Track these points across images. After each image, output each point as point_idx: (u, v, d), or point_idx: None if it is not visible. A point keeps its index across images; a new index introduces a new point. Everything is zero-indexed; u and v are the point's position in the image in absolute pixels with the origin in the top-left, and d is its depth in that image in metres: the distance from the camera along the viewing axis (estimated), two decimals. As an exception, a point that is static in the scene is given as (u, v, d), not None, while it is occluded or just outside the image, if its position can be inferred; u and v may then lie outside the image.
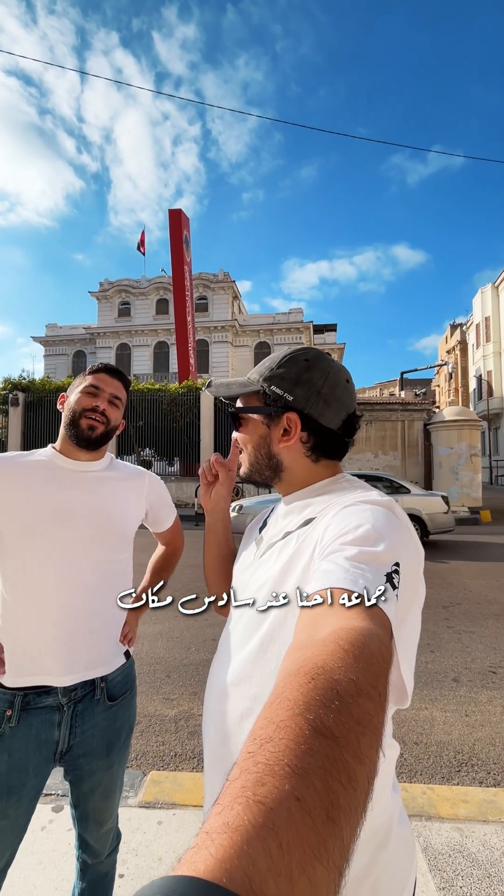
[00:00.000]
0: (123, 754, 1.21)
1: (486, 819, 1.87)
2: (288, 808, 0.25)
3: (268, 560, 0.75)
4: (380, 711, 0.35)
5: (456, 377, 35.01)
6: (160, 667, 3.46)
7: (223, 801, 0.27)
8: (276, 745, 0.30)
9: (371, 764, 0.32)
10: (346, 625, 0.43)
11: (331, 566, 0.53)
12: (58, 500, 1.12)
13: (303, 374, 0.76)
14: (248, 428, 0.82)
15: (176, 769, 2.28)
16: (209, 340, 30.67)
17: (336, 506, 0.67)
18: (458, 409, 13.53)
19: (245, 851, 0.23)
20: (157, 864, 1.65)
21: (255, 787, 0.27)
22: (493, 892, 1.54)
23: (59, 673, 1.08)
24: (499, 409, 28.99)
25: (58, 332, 34.04)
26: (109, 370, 1.24)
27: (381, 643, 0.43)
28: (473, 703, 2.98)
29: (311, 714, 0.32)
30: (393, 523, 0.61)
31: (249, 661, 0.69)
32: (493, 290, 29.92)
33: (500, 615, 4.68)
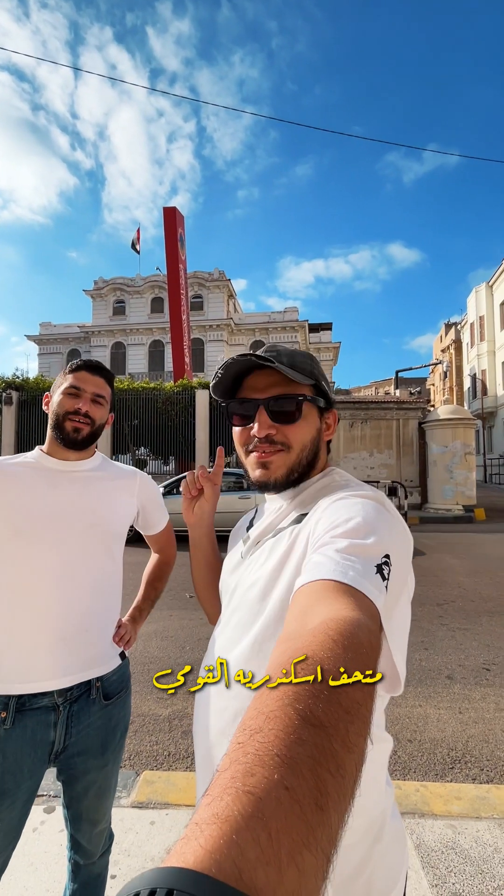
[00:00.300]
0: (118, 754, 1.20)
1: (478, 816, 1.88)
2: (277, 797, 0.26)
3: (259, 558, 0.74)
4: (368, 700, 0.36)
5: (450, 376, 35.17)
6: (154, 666, 3.45)
7: (213, 791, 0.27)
8: (265, 735, 0.30)
9: (359, 752, 0.32)
10: (335, 615, 0.44)
11: (321, 558, 0.54)
12: (47, 500, 1.11)
13: (322, 373, 0.79)
14: (308, 421, 0.75)
15: (170, 769, 2.27)
16: (204, 339, 30.62)
17: (328, 500, 0.67)
18: (453, 407, 13.59)
19: (234, 841, 0.23)
20: (151, 865, 1.63)
21: (244, 778, 0.27)
22: (485, 888, 1.54)
23: (54, 676, 1.07)
24: (493, 408, 29.15)
25: (52, 330, 33.88)
26: (90, 367, 1.19)
27: (370, 633, 0.43)
28: (467, 700, 2.99)
29: (301, 704, 0.32)
30: (383, 516, 0.61)
31: (242, 661, 0.68)
32: (488, 290, 30.05)
33: (493, 612, 4.70)
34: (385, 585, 0.51)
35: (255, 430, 0.73)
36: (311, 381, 0.75)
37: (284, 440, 0.73)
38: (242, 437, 0.77)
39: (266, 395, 0.73)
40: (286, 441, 0.73)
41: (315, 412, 0.77)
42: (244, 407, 0.75)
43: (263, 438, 0.73)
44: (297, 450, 0.74)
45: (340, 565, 0.51)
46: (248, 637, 0.68)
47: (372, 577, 0.50)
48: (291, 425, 0.73)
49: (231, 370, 0.74)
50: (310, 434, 0.75)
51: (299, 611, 0.48)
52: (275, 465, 0.73)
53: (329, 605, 0.46)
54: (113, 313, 32.74)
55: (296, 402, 0.73)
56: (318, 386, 0.77)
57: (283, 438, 0.73)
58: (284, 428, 0.73)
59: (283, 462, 0.73)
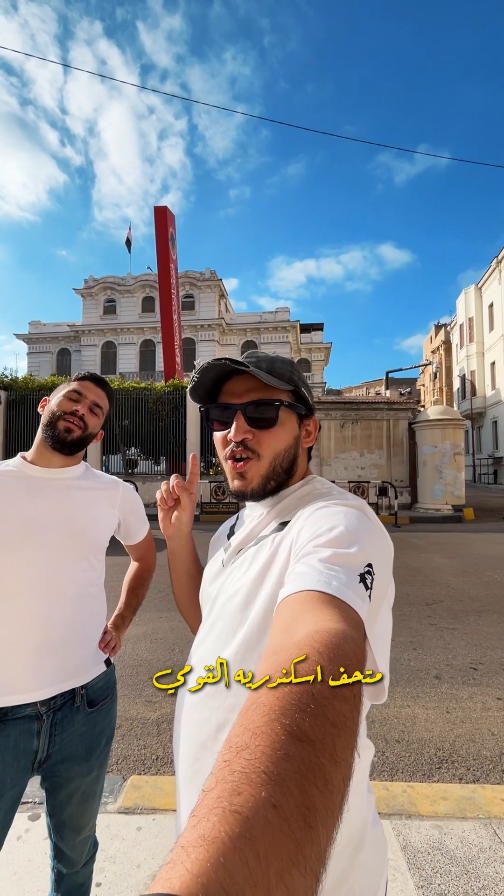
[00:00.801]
0: (103, 760, 1.19)
1: (464, 816, 1.89)
2: (265, 816, 0.25)
3: (240, 566, 0.73)
4: (354, 713, 0.36)
5: (440, 377, 35.48)
6: (143, 669, 3.43)
7: (199, 812, 0.26)
8: (252, 752, 0.29)
9: (346, 766, 0.32)
10: (320, 627, 0.43)
11: (304, 568, 0.53)
12: (27, 510, 1.10)
13: (304, 380, 0.79)
14: (285, 427, 0.74)
15: (158, 773, 2.26)
16: (196, 339, 30.54)
17: (310, 508, 0.67)
18: (443, 408, 13.70)
19: (221, 864, 0.23)
20: (136, 871, 1.62)
21: (231, 797, 0.26)
22: (470, 888, 1.55)
23: (35, 688, 1.06)
24: (482, 409, 29.47)
25: (42, 329, 33.53)
26: (95, 379, 1.24)
27: (356, 645, 0.43)
28: (454, 699, 3.01)
29: (287, 719, 0.32)
30: (365, 524, 0.61)
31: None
32: (477, 292, 30.37)
33: (481, 612, 4.75)
34: (368, 595, 0.51)
35: (232, 433, 0.72)
36: (289, 387, 0.75)
37: (257, 447, 0.73)
38: (222, 442, 0.76)
39: (243, 400, 0.73)
40: (258, 449, 0.73)
41: (293, 419, 0.76)
42: (223, 413, 0.75)
43: (239, 442, 0.72)
44: (268, 458, 0.73)
45: (324, 575, 0.51)
46: (231, 647, 0.67)
47: (355, 586, 0.51)
48: (267, 431, 0.72)
49: (208, 375, 0.74)
50: (285, 441, 0.74)
51: (284, 623, 0.47)
52: (250, 475, 0.73)
53: (314, 616, 0.46)
54: (103, 312, 32.51)
55: (273, 408, 0.72)
56: (298, 392, 0.77)
57: (257, 445, 0.73)
58: (260, 434, 0.72)
59: (256, 472, 0.73)
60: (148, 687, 3.16)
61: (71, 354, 32.73)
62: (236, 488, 0.74)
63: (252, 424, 0.72)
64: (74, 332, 32.20)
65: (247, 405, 0.72)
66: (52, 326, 33.59)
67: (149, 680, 3.28)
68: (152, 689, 3.15)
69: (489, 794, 2.03)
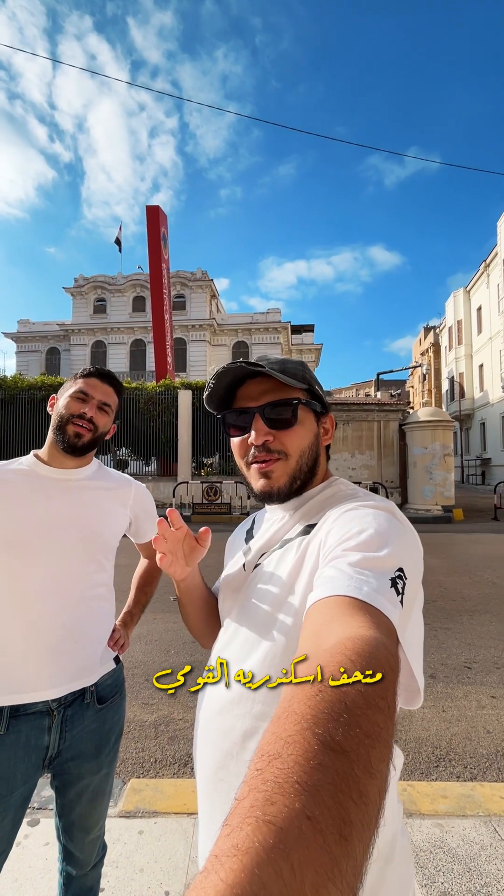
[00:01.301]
0: (112, 758, 1.19)
1: (464, 814, 1.91)
2: (299, 827, 0.25)
3: (265, 570, 0.72)
4: (389, 723, 0.35)
5: (429, 379, 35.83)
6: (139, 671, 3.40)
7: (232, 821, 0.26)
8: (284, 761, 0.29)
9: (382, 778, 0.31)
10: (351, 634, 0.42)
11: (334, 572, 0.52)
12: (40, 511, 1.09)
13: (315, 378, 0.78)
14: (304, 426, 0.73)
15: (156, 776, 2.24)
16: (186, 339, 30.44)
17: (337, 510, 0.66)
18: (432, 409, 13.84)
19: (256, 875, 0.22)
20: (139, 876, 1.61)
21: (264, 807, 0.26)
22: (472, 886, 1.57)
23: (45, 687, 1.06)
24: (470, 410, 29.84)
25: (31, 328, 33.15)
26: (101, 375, 1.20)
27: (389, 653, 0.42)
28: (450, 698, 3.04)
29: (320, 728, 0.31)
30: (395, 527, 0.60)
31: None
32: (465, 295, 30.76)
33: (474, 611, 4.80)
34: (400, 600, 0.50)
35: (252, 438, 0.71)
36: (304, 386, 0.74)
37: (282, 447, 0.71)
38: (241, 448, 0.75)
39: (260, 402, 0.72)
40: (283, 448, 0.71)
41: (311, 417, 0.75)
42: (240, 418, 0.74)
43: (261, 447, 0.71)
44: (295, 456, 0.72)
45: (354, 580, 0.50)
46: (258, 653, 0.66)
47: (387, 591, 0.49)
48: (288, 431, 0.71)
49: (223, 380, 0.73)
50: (307, 439, 0.74)
51: (314, 629, 0.46)
52: (276, 474, 0.71)
53: (345, 623, 0.45)
54: (94, 311, 32.23)
55: (290, 407, 0.71)
56: (312, 391, 0.76)
57: (280, 446, 0.71)
58: (281, 434, 0.71)
59: (283, 470, 0.71)
60: (145, 689, 3.14)
61: (60, 353, 32.38)
62: (261, 489, 0.73)
63: (271, 426, 0.71)
64: (64, 331, 31.88)
65: (264, 407, 0.71)
66: (41, 325, 33.21)
67: (145, 682, 3.25)
68: (149, 691, 3.13)
69: (488, 792, 2.05)
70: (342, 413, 14.12)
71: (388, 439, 14.08)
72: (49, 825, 1.83)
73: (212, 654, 0.79)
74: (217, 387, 0.73)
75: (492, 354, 26.46)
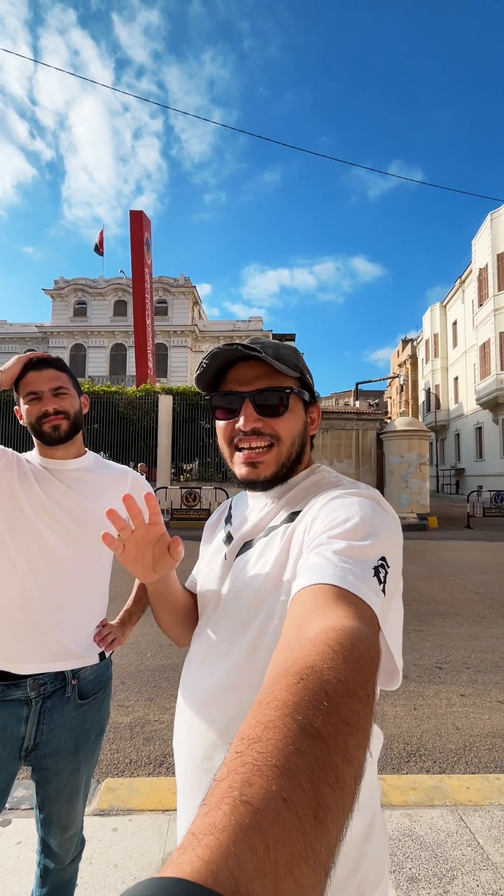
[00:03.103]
0: (91, 756, 1.18)
1: (433, 804, 1.98)
2: (275, 808, 0.25)
3: (250, 558, 0.71)
4: (367, 712, 0.36)
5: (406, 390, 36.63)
6: (115, 673, 3.34)
7: (210, 801, 0.26)
8: (264, 745, 0.29)
9: (358, 764, 0.32)
10: (334, 624, 0.43)
11: (319, 559, 0.53)
12: (40, 495, 1.13)
13: (306, 367, 0.78)
14: (294, 414, 0.72)
15: (132, 776, 2.23)
16: (168, 345, 30.36)
17: (322, 497, 0.66)
18: (409, 419, 14.17)
19: (231, 852, 0.23)
20: (113, 871, 1.61)
21: (242, 788, 0.26)
22: (439, 870, 1.63)
23: (19, 660, 1.07)
24: (445, 421, 30.64)
25: (8, 329, 32.49)
26: (34, 365, 1.14)
27: (370, 643, 0.43)
28: (421, 697, 3.13)
29: (300, 715, 0.32)
30: (380, 515, 0.61)
31: (237, 668, 0.65)
32: (441, 310, 31.71)
33: (445, 615, 4.93)
34: (382, 588, 0.51)
35: (241, 423, 0.70)
36: (296, 374, 0.73)
37: (273, 433, 0.71)
38: (227, 431, 0.74)
39: (252, 387, 0.71)
40: (275, 433, 0.71)
41: (301, 406, 0.75)
42: (228, 400, 0.72)
43: (249, 432, 0.70)
44: (287, 443, 0.72)
45: (339, 568, 0.50)
46: (244, 641, 0.66)
47: (370, 580, 0.50)
48: (278, 419, 0.71)
49: (216, 361, 0.71)
50: (297, 428, 0.73)
51: (297, 618, 0.47)
52: (265, 463, 0.71)
53: (328, 613, 0.46)
54: (73, 314, 31.84)
55: (282, 395, 0.70)
56: (303, 379, 0.76)
57: (272, 431, 0.71)
58: (271, 421, 0.71)
59: (273, 460, 0.71)
60: (120, 691, 3.12)
61: (38, 356, 31.79)
62: (245, 476, 0.72)
63: (261, 412, 0.70)
64: (43, 334, 31.38)
65: (255, 393, 0.70)
66: (18, 326, 32.60)
67: (121, 684, 3.23)
68: (124, 693, 3.11)
69: (455, 784, 2.12)
70: (322, 421, 14.29)
71: (365, 448, 14.33)
72: (21, 825, 1.81)
73: (193, 642, 0.78)
74: (209, 367, 0.71)
75: (466, 368, 27.31)
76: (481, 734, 2.65)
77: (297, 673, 0.36)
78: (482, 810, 1.93)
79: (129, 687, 3.20)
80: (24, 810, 1.89)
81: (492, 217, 22.43)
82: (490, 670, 3.55)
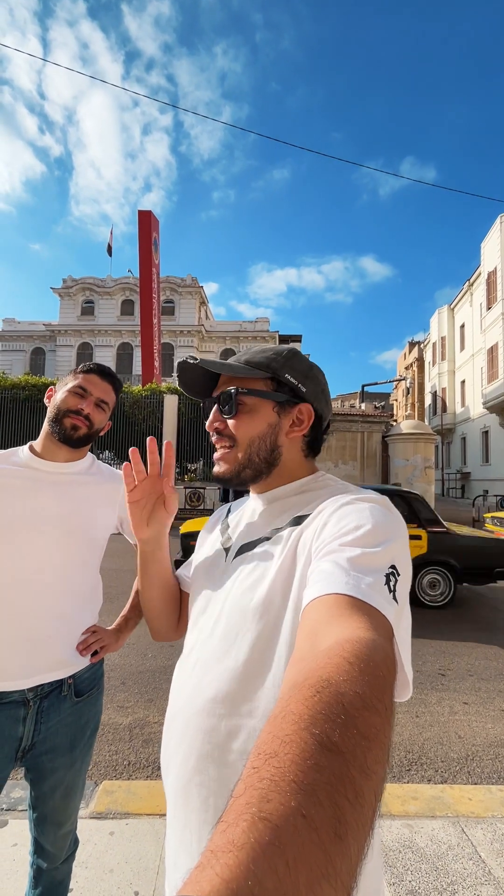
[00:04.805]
0: (87, 752, 1.18)
1: (433, 815, 1.94)
2: (294, 825, 0.25)
3: (251, 561, 0.70)
4: (386, 726, 0.35)
5: (413, 392, 36.48)
6: (115, 674, 3.36)
7: (228, 818, 0.26)
8: (280, 760, 0.29)
9: (378, 779, 0.31)
10: (349, 635, 0.42)
11: (331, 567, 0.53)
12: (29, 503, 1.10)
13: (309, 370, 0.77)
14: (254, 415, 0.74)
15: (130, 778, 2.22)
16: (174, 344, 30.46)
17: (332, 503, 0.66)
18: (415, 422, 14.09)
19: (251, 871, 0.22)
20: (109, 876, 1.59)
21: (260, 804, 0.26)
22: (439, 884, 1.60)
23: (17, 676, 1.06)
24: (451, 425, 30.45)
25: (16, 326, 32.74)
26: (101, 372, 1.20)
27: (386, 655, 0.42)
28: (423, 704, 3.09)
29: (317, 729, 0.31)
30: (391, 522, 0.61)
31: (237, 675, 0.63)
32: (449, 312, 31.53)
33: (449, 621, 4.88)
34: (394, 596, 0.51)
35: (207, 423, 0.77)
36: (264, 375, 0.73)
37: (231, 434, 0.74)
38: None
39: (218, 391, 0.76)
40: (231, 435, 0.74)
41: (267, 406, 0.73)
42: (208, 404, 0.79)
43: (213, 432, 0.76)
44: (243, 444, 0.73)
45: (352, 577, 0.50)
46: (244, 646, 0.64)
47: (382, 588, 0.50)
48: (233, 419, 0.73)
49: (186, 375, 0.78)
50: (256, 428, 0.73)
51: (311, 629, 0.46)
52: (224, 460, 0.75)
53: (343, 623, 0.45)
54: (81, 313, 32.02)
55: (230, 395, 0.73)
56: (279, 379, 0.74)
57: (230, 433, 0.74)
58: (231, 422, 0.74)
59: (231, 458, 0.74)
60: (119, 692, 3.11)
61: (46, 354, 32.02)
62: (214, 473, 0.78)
63: (223, 414, 0.75)
64: (50, 332, 31.56)
65: (218, 396, 0.75)
66: (26, 325, 32.82)
67: (120, 685, 3.22)
68: (124, 694, 3.09)
69: (457, 794, 2.09)
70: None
71: (370, 450, 14.26)
72: (17, 826, 1.79)
73: (186, 646, 0.75)
74: (185, 380, 0.79)
75: (473, 371, 27.12)
76: (484, 743, 2.61)
77: (313, 686, 0.35)
78: (484, 822, 1.90)
79: (129, 688, 3.19)
80: (21, 811, 1.88)
81: (501, 220, 22.27)
82: (494, 678, 3.50)
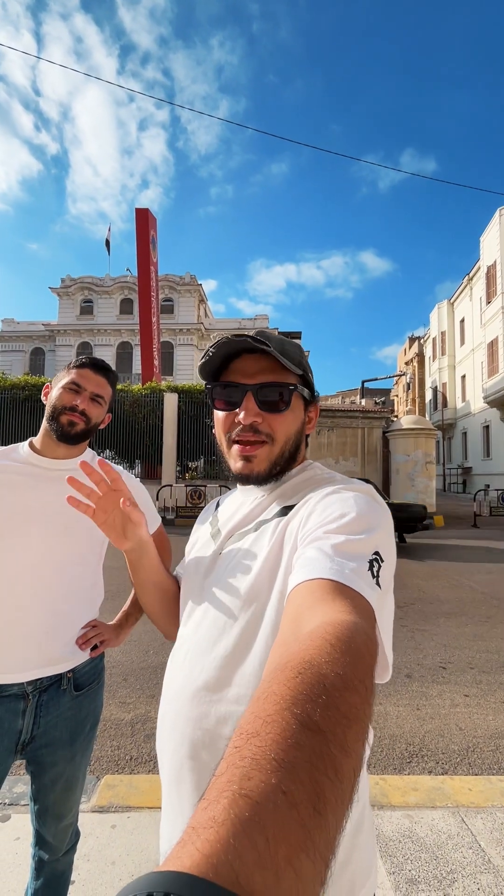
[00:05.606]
0: (87, 746, 1.19)
1: (434, 805, 1.95)
2: (274, 801, 0.26)
3: (238, 551, 0.71)
4: (366, 705, 0.36)
5: (413, 388, 36.44)
6: (116, 670, 3.38)
7: (209, 795, 0.27)
8: (262, 739, 0.30)
9: (357, 757, 0.32)
10: (332, 619, 0.43)
11: (315, 553, 0.53)
12: (28, 499, 1.11)
13: (309, 365, 0.77)
14: (295, 412, 0.72)
15: (132, 773, 2.23)
16: (174, 343, 30.42)
17: (318, 493, 0.66)
18: (415, 418, 14.08)
19: (231, 845, 0.23)
20: (111, 868, 1.61)
21: (241, 782, 0.27)
22: (439, 872, 1.61)
23: (16, 670, 1.06)
24: (452, 420, 30.40)
25: (15, 327, 32.70)
26: (95, 365, 1.19)
27: (367, 637, 0.43)
28: (424, 697, 3.10)
29: (298, 708, 0.32)
30: (375, 510, 0.62)
31: (225, 662, 0.64)
32: (449, 307, 31.43)
33: (450, 614, 4.89)
34: (377, 582, 0.52)
35: (241, 416, 0.70)
36: (300, 372, 0.73)
37: (269, 431, 0.70)
38: (226, 423, 0.73)
39: (255, 380, 0.70)
40: (271, 432, 0.70)
41: (301, 404, 0.74)
42: (229, 392, 0.72)
43: (248, 426, 0.70)
44: (281, 442, 0.71)
45: (336, 563, 0.51)
46: (231, 637, 0.65)
47: (365, 574, 0.51)
48: (278, 415, 0.70)
49: (222, 350, 0.70)
50: (294, 426, 0.73)
51: (295, 613, 0.47)
52: (258, 458, 0.70)
53: (326, 607, 0.46)
54: (80, 313, 31.97)
55: (285, 392, 0.70)
56: (305, 377, 0.75)
57: (269, 429, 0.70)
58: (270, 417, 0.70)
59: (266, 456, 0.71)
60: (121, 688, 3.12)
61: (45, 354, 32.02)
62: (240, 470, 0.72)
63: (262, 407, 0.70)
64: (49, 332, 31.54)
65: (258, 387, 0.70)
66: (25, 325, 32.79)
67: (123, 681, 3.24)
68: (126, 690, 3.11)
69: (457, 785, 2.10)
70: (327, 419, 14.25)
71: (371, 446, 14.26)
72: (20, 820, 1.81)
73: (178, 638, 0.77)
74: (215, 356, 0.71)
75: (474, 366, 27.06)
76: (485, 735, 2.62)
77: (295, 667, 0.36)
78: (484, 812, 1.91)
79: (131, 684, 3.21)
80: (24, 806, 1.89)
81: (500, 213, 22.16)
82: (495, 671, 3.51)
